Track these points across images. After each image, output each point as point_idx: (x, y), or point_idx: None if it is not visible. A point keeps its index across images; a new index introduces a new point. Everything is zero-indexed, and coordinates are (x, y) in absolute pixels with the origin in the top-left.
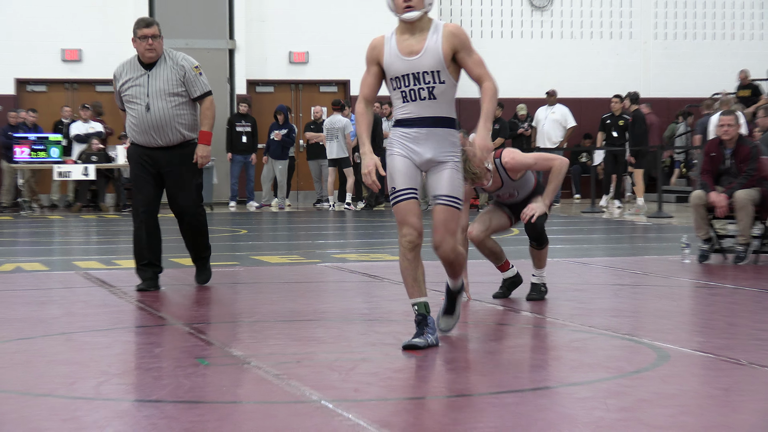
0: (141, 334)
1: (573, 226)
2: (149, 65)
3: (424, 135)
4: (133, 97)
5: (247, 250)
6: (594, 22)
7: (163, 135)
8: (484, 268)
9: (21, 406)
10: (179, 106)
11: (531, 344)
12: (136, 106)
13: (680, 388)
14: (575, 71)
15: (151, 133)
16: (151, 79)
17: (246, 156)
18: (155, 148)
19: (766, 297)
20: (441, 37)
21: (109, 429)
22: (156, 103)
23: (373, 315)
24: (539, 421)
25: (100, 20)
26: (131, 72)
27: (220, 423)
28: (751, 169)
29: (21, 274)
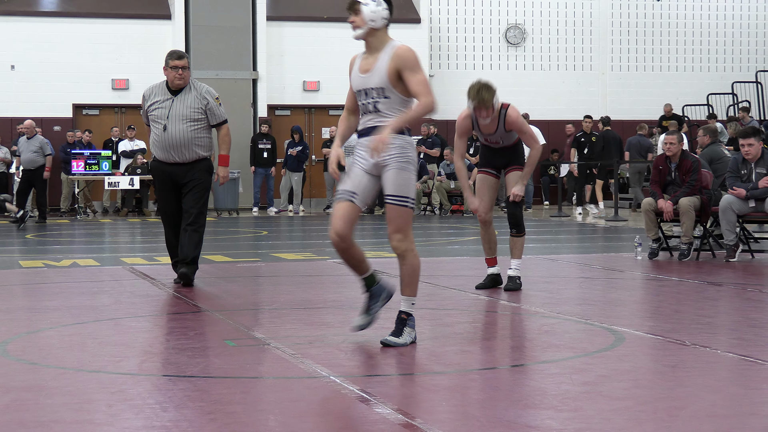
0: (178, 319)
1: (543, 228)
2: (176, 91)
3: None
4: (157, 117)
5: (268, 249)
6: (560, 57)
7: (180, 153)
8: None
9: (76, 381)
10: (198, 130)
11: (508, 328)
12: (157, 126)
13: (634, 365)
14: (544, 98)
15: (170, 151)
16: (175, 104)
17: (267, 169)
18: (172, 164)
19: (706, 288)
20: (389, 57)
21: (151, 400)
22: (174, 126)
23: None
24: (516, 393)
25: (143, 55)
26: (159, 95)
27: (245, 395)
28: (692, 180)
29: (77, 269)
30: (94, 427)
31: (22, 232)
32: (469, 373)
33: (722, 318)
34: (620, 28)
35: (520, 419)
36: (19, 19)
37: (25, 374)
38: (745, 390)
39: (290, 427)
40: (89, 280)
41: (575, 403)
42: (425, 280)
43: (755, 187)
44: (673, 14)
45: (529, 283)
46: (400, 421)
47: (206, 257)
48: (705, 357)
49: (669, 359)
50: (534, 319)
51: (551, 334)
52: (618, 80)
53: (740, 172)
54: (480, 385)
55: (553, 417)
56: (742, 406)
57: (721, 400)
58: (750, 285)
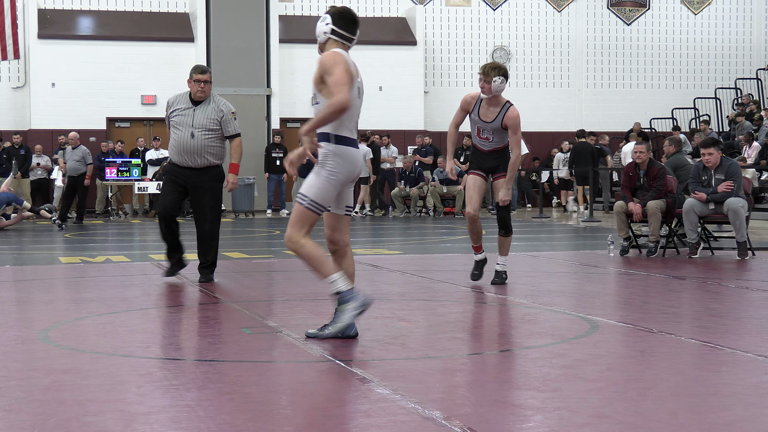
0: (200, 310)
1: (526, 228)
2: (197, 102)
3: None
4: (178, 124)
5: (280, 247)
6: (541, 75)
7: (194, 159)
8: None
9: (109, 364)
10: (212, 140)
11: (495, 317)
12: (178, 132)
13: (607, 350)
14: (528, 112)
15: (185, 156)
16: (196, 114)
17: (279, 175)
18: (186, 168)
19: (671, 281)
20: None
21: (176, 381)
22: (199, 134)
23: (375, 295)
24: (502, 375)
25: (170, 73)
26: (181, 104)
27: (259, 377)
28: (659, 185)
29: (109, 264)
30: (125, 405)
31: (62, 231)
32: (460, 358)
33: (685, 308)
34: (594, 49)
35: (505, 399)
36: (60, 42)
37: (64, 358)
38: (705, 372)
39: (300, 405)
40: (121, 274)
41: (555, 384)
42: (420, 275)
43: (715, 191)
44: (642, 37)
45: (513, 277)
46: (397, 400)
47: (225, 254)
48: (670, 343)
49: (638, 345)
50: (518, 309)
51: (533, 323)
52: (592, 96)
53: (701, 178)
54: (470, 368)
55: (535, 397)
56: (703, 386)
57: (684, 382)
58: (710, 279)
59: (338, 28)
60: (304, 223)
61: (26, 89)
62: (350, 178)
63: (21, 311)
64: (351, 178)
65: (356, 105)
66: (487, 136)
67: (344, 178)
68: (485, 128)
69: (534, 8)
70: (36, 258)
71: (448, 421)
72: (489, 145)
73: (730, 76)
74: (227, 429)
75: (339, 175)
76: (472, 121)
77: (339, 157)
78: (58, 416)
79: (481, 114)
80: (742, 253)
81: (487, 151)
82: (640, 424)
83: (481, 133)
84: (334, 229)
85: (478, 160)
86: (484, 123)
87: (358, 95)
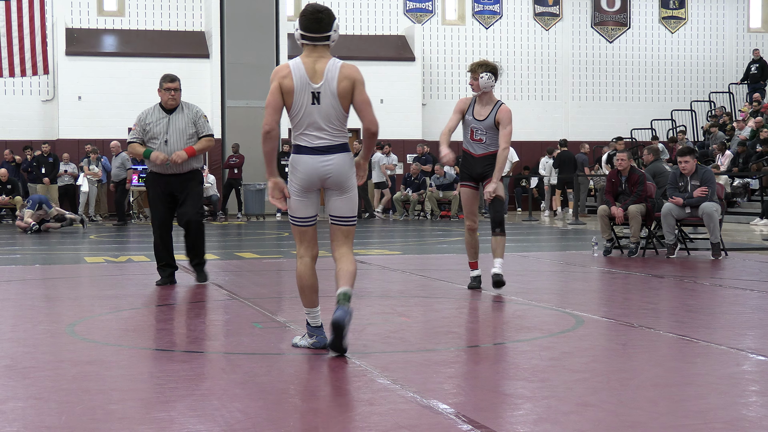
0: (215, 306)
1: (516, 230)
2: (169, 111)
3: None
4: (156, 134)
5: (289, 248)
6: (530, 89)
7: (178, 165)
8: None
9: (131, 356)
10: (189, 143)
11: (488, 313)
12: (157, 141)
13: (592, 343)
14: (517, 123)
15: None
16: (172, 121)
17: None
18: (169, 175)
19: (651, 280)
20: None
21: (192, 372)
22: (173, 139)
23: (377, 293)
24: (494, 366)
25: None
26: (154, 115)
27: (270, 368)
28: (639, 190)
29: (131, 264)
30: (145, 394)
31: (86, 233)
32: (456, 351)
33: (664, 304)
34: (579, 65)
35: (498, 388)
36: (85, 58)
37: (89, 351)
38: (682, 363)
39: (307, 394)
40: (142, 273)
41: (543, 375)
42: (419, 274)
43: (690, 196)
44: (623, 54)
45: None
46: (397, 389)
47: (237, 254)
48: (650, 337)
49: (620, 338)
50: (509, 305)
51: (523, 318)
52: (577, 108)
53: (678, 184)
54: (465, 360)
55: (525, 386)
56: (680, 376)
57: (663, 372)
58: (687, 277)
59: (300, 29)
60: (296, 237)
61: (55, 102)
62: (307, 186)
63: (49, 307)
64: (308, 185)
65: (308, 112)
66: (481, 137)
67: (298, 185)
68: (479, 128)
69: (523, 27)
70: (63, 258)
71: (445, 409)
72: (481, 148)
73: (705, 90)
74: (240, 416)
75: (292, 184)
76: (465, 123)
77: (291, 166)
78: (84, 404)
79: (475, 113)
80: (716, 254)
81: (479, 155)
82: (622, 411)
83: (475, 134)
84: (331, 238)
85: (469, 167)
86: (478, 122)
87: (312, 101)
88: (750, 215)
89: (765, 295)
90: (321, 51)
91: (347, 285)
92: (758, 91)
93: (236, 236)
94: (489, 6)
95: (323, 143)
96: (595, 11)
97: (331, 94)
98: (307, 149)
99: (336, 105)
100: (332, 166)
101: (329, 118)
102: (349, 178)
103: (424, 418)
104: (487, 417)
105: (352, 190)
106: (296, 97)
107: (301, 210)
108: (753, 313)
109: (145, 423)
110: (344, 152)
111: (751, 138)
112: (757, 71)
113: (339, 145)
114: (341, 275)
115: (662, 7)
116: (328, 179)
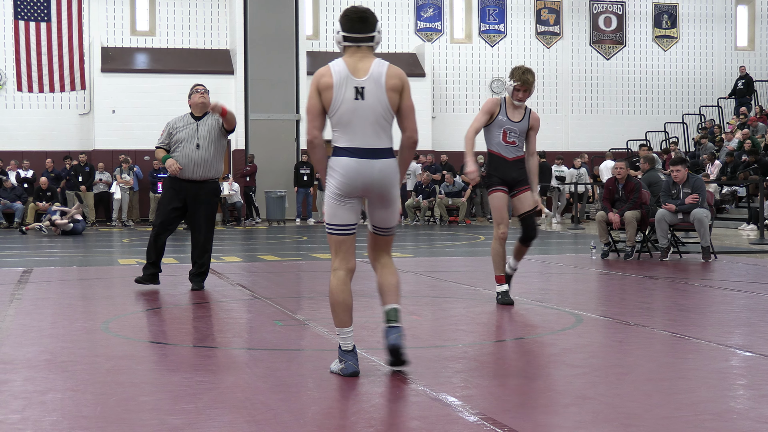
0: (238, 305)
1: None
2: (198, 118)
3: None
4: (183, 139)
5: (307, 250)
6: (532, 102)
7: (198, 171)
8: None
9: (160, 352)
10: (218, 149)
11: (493, 312)
12: (185, 147)
13: (590, 340)
14: None
15: (190, 168)
16: (200, 127)
17: (306, 189)
18: (187, 180)
19: (645, 281)
20: None
21: (217, 366)
22: (204, 144)
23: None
24: (498, 361)
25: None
26: (183, 122)
27: (290, 363)
28: (635, 197)
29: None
30: (174, 387)
31: (120, 237)
32: (463, 347)
33: (657, 304)
34: (578, 80)
35: (503, 382)
36: (119, 75)
37: (121, 346)
38: (675, 359)
39: (325, 387)
40: (170, 274)
41: (545, 370)
42: (429, 275)
43: (682, 203)
44: (619, 70)
45: None
46: (409, 383)
47: (259, 256)
48: (644, 334)
49: (617, 336)
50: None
51: (526, 317)
52: (577, 120)
53: (671, 192)
54: (471, 356)
55: (528, 380)
56: (673, 371)
57: (657, 367)
58: (679, 279)
59: (342, 30)
60: (331, 247)
61: (91, 115)
62: (347, 191)
63: (85, 305)
64: (348, 190)
65: (350, 109)
66: (514, 139)
67: (337, 190)
68: (513, 130)
69: (526, 45)
70: (98, 260)
71: (453, 402)
72: (514, 152)
73: (695, 104)
74: (262, 408)
75: (331, 187)
76: (496, 124)
77: (331, 170)
78: (118, 395)
79: (510, 115)
80: (706, 257)
81: (511, 159)
82: (619, 404)
83: (508, 136)
84: (371, 247)
85: (502, 171)
86: (513, 123)
87: (356, 96)
88: (738, 221)
89: (752, 295)
90: (364, 52)
91: (395, 301)
92: (745, 105)
93: (258, 240)
94: (494, 26)
95: (368, 145)
96: (593, 30)
97: (378, 90)
98: (349, 151)
99: (384, 101)
100: (377, 173)
101: (376, 117)
102: (394, 187)
103: (434, 410)
104: (493, 409)
105: (397, 200)
106: (336, 91)
107: (339, 216)
108: (741, 312)
109: (174, 414)
110: (391, 158)
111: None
112: (744, 86)
113: (386, 149)
114: (388, 289)
115: (656, 27)
116: (371, 187)
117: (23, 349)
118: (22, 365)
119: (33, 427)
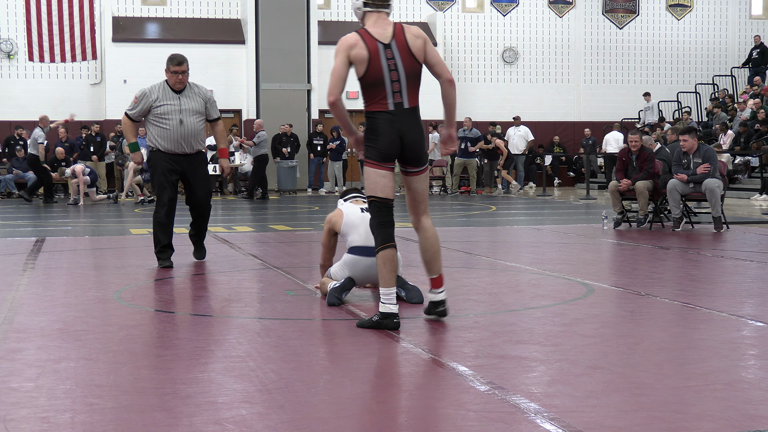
0: (250, 274)
1: (531, 204)
2: (178, 91)
3: None
4: (166, 113)
5: (319, 220)
6: (545, 72)
7: (188, 145)
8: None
9: (172, 321)
10: (202, 122)
11: (504, 282)
12: (169, 121)
13: (601, 310)
14: (533, 104)
15: (180, 142)
16: (183, 101)
17: (319, 158)
18: (179, 155)
19: (657, 251)
20: None
21: (229, 336)
22: (187, 119)
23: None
24: (510, 331)
25: (224, 71)
26: (163, 94)
27: (301, 332)
28: (648, 167)
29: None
30: (186, 356)
31: (131, 207)
32: (474, 317)
33: (669, 274)
34: (591, 50)
35: (513, 352)
36: (130, 44)
37: (134, 315)
38: (685, 329)
39: (335, 357)
40: (182, 244)
41: (556, 340)
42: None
43: (694, 173)
44: (632, 40)
45: (519, 247)
46: (419, 353)
47: (271, 226)
48: (655, 304)
49: (628, 306)
50: (524, 275)
51: (537, 287)
52: (589, 90)
53: (682, 162)
54: (482, 325)
55: (539, 350)
56: (683, 341)
57: (668, 337)
58: (691, 249)
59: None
60: None
61: (102, 85)
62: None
63: (98, 275)
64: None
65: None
66: None
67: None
68: None
69: (538, 14)
70: (110, 230)
71: (464, 371)
72: None
73: (708, 74)
74: (274, 377)
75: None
76: None
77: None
78: (130, 364)
79: None
80: (718, 227)
81: None
82: (630, 373)
83: None
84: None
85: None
86: None
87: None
88: (750, 191)
89: (764, 265)
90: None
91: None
92: (759, 74)
93: (270, 210)
94: None
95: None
96: None
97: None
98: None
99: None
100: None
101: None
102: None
103: (445, 379)
104: (504, 378)
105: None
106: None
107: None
108: (752, 283)
109: (187, 383)
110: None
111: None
112: (758, 56)
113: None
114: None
115: None
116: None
117: (36, 318)
118: (36, 334)
119: (47, 395)
